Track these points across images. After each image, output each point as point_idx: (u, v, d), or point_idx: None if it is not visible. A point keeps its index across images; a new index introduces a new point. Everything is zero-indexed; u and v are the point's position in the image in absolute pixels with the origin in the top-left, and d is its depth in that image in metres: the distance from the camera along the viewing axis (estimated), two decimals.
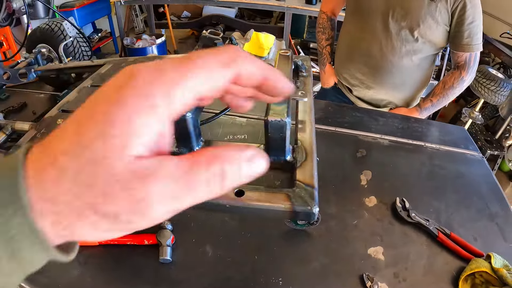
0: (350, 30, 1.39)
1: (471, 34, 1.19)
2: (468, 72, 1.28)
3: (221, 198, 0.38)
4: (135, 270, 0.67)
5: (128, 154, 0.18)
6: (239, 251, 0.70)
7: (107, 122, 0.18)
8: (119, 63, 0.87)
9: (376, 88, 1.40)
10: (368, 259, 0.71)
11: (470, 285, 0.69)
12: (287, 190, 0.37)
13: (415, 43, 1.24)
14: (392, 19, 1.22)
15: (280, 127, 0.39)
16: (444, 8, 1.16)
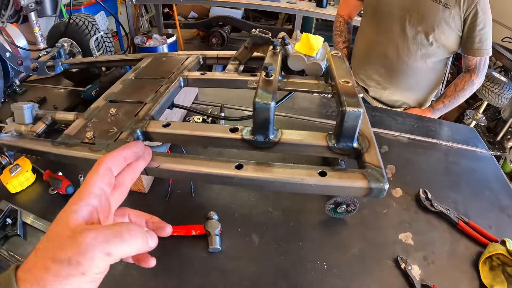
0: (367, 33, 1.45)
1: (482, 39, 1.26)
2: (478, 75, 1.36)
3: (306, 179, 0.41)
4: (183, 260, 0.69)
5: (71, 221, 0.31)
6: (284, 239, 0.73)
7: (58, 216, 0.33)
8: (159, 58, 0.89)
9: (391, 89, 1.46)
10: (400, 244, 0.76)
11: (488, 267, 0.74)
12: (361, 171, 0.41)
13: (430, 47, 1.30)
14: (409, 23, 1.27)
15: (355, 117, 0.42)
16: (457, 14, 1.23)
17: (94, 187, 0.35)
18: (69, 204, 0.34)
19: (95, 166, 0.38)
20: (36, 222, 0.76)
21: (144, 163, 0.45)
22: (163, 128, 0.59)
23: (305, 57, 0.65)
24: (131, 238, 0.33)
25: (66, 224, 0.31)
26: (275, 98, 0.46)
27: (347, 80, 0.49)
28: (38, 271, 0.28)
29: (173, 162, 0.51)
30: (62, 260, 0.28)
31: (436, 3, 1.23)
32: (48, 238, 0.31)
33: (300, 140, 0.48)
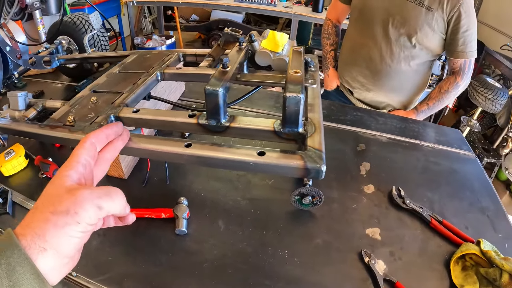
0: (353, 36, 1.48)
1: (465, 41, 1.27)
2: (462, 77, 1.37)
3: (245, 157, 0.44)
4: (152, 241, 0.73)
5: (66, 183, 0.37)
6: (249, 226, 0.76)
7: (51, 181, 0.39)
8: (143, 55, 0.94)
9: (375, 91, 1.48)
10: (366, 238, 0.77)
11: (461, 267, 0.73)
12: (300, 152, 0.44)
13: (413, 49, 1.32)
14: (392, 26, 1.30)
15: (295, 102, 0.45)
16: (440, 17, 1.24)
17: (81, 158, 0.41)
18: (60, 171, 0.39)
19: (81, 142, 0.43)
20: (25, 202, 0.82)
21: (122, 143, 0.50)
22: (133, 114, 0.64)
23: (271, 53, 0.69)
24: (117, 198, 0.40)
25: (61, 185, 0.37)
26: (226, 86, 0.50)
27: (297, 70, 0.52)
28: (38, 223, 0.33)
29: (136, 142, 0.55)
30: (61, 211, 0.34)
31: (419, 6, 1.25)
32: (45, 197, 0.36)
33: (249, 125, 0.51)
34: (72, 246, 0.35)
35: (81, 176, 0.40)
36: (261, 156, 0.44)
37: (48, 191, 0.37)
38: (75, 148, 0.42)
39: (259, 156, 0.44)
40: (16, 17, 1.56)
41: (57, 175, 0.39)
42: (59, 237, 0.33)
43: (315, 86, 0.60)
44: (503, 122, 2.57)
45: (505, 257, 0.70)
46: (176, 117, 0.57)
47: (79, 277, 0.66)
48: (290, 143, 0.51)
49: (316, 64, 0.76)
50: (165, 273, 0.67)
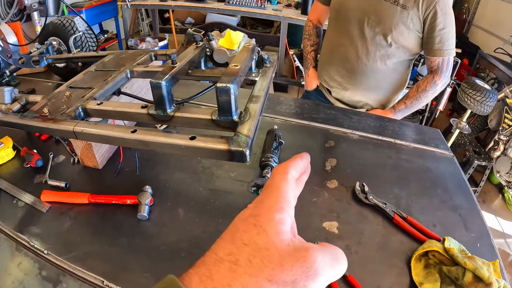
0: (331, 36, 1.52)
1: (442, 39, 1.27)
2: (440, 76, 1.37)
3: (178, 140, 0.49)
4: (117, 225, 0.78)
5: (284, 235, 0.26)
6: (206, 214, 0.81)
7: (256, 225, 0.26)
8: (119, 54, 1.00)
9: (352, 90, 1.51)
10: (322, 231, 0.78)
11: (423, 264, 0.72)
12: (228, 137, 0.49)
13: (389, 48, 1.34)
14: (368, 25, 1.32)
15: (225, 91, 0.50)
16: (415, 15, 1.25)
17: (289, 196, 0.30)
18: (268, 211, 0.28)
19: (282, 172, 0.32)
20: (9, 189, 0.89)
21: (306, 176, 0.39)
22: (97, 105, 0.70)
23: (227, 51, 0.74)
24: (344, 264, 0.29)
25: (277, 237, 0.26)
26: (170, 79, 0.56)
27: (236, 64, 0.57)
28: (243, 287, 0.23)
29: (93, 128, 0.61)
30: (285, 282, 0.24)
31: (394, 4, 1.26)
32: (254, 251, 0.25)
33: (190, 114, 0.57)
34: None
35: (293, 223, 0.29)
36: (192, 140, 0.49)
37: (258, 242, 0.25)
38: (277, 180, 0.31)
39: (190, 140, 0.49)
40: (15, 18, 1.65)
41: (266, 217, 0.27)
42: None
43: (257, 79, 0.65)
44: (494, 125, 2.56)
45: (470, 255, 0.69)
46: (131, 108, 0.63)
47: (49, 255, 0.72)
48: (227, 130, 0.56)
49: (274, 61, 0.80)
50: (124, 254, 0.72)
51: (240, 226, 0.27)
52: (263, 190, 0.31)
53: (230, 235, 0.27)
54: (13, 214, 0.82)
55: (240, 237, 0.26)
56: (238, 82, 0.53)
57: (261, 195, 0.31)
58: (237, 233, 0.26)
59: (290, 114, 1.27)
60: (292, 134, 1.16)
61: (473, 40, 3.73)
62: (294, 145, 1.08)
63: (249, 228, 0.26)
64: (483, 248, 0.77)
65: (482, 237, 0.80)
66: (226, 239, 0.27)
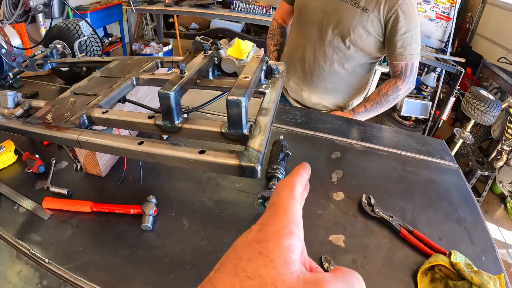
0: (292, 37, 1.49)
1: (404, 44, 1.23)
2: (404, 81, 1.33)
3: (187, 154, 0.48)
4: (119, 235, 0.76)
5: (295, 265, 0.23)
6: (211, 226, 0.79)
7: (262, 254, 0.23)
8: (125, 60, 0.99)
9: (309, 92, 1.48)
10: (328, 244, 0.77)
11: (429, 278, 0.71)
12: (239, 152, 0.48)
13: (347, 51, 1.31)
14: (327, 27, 1.29)
15: (236, 104, 0.49)
16: (376, 18, 1.22)
17: (297, 216, 0.29)
18: (276, 236, 0.26)
19: (289, 189, 0.30)
20: (10, 194, 0.88)
21: (307, 191, 0.38)
22: (102, 114, 0.68)
23: (236, 60, 0.73)
24: None
25: (286, 268, 0.24)
26: (178, 90, 0.54)
27: (246, 75, 0.56)
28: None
29: (98, 138, 0.60)
30: None
31: (354, 7, 1.22)
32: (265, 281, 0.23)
33: (198, 126, 0.55)
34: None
35: (302, 247, 0.28)
36: (201, 154, 0.48)
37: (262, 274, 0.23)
38: (283, 196, 0.30)
39: (199, 154, 0.48)
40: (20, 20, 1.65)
41: (273, 240, 0.25)
42: None
43: (267, 91, 0.64)
44: (498, 135, 2.56)
45: (477, 270, 0.69)
46: (137, 118, 0.61)
47: (50, 264, 0.70)
48: (237, 144, 0.54)
49: (282, 71, 0.79)
50: (127, 265, 0.70)
51: (243, 254, 0.24)
52: (268, 209, 0.29)
53: (232, 264, 0.24)
54: (14, 220, 0.81)
55: (243, 268, 0.23)
56: (249, 95, 0.51)
57: (266, 214, 0.28)
58: (241, 263, 0.24)
59: (295, 124, 1.26)
60: (298, 145, 1.14)
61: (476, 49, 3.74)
62: (300, 156, 1.07)
63: (254, 257, 0.24)
64: (488, 262, 0.77)
65: (487, 250, 0.80)
66: (228, 268, 0.24)
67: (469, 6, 4.03)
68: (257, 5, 3.56)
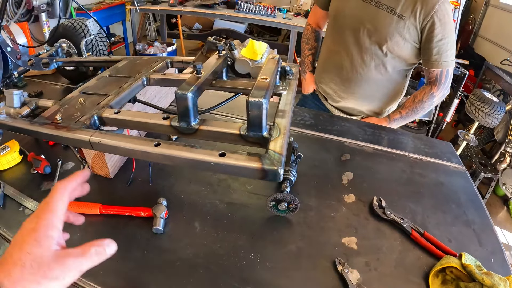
0: (328, 43, 1.49)
1: (440, 51, 1.23)
2: (439, 88, 1.33)
3: (207, 157, 0.47)
4: (129, 237, 0.75)
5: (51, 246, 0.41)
6: (224, 229, 0.78)
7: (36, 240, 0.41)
8: (134, 60, 0.98)
9: (347, 98, 1.48)
10: (341, 247, 0.77)
11: (440, 280, 0.71)
12: (260, 154, 0.46)
13: (385, 58, 1.31)
14: (363, 34, 1.29)
15: (257, 106, 0.48)
16: (412, 25, 1.22)
17: (61, 215, 0.45)
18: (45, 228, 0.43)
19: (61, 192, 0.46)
20: (15, 195, 0.86)
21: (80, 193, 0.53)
22: (114, 114, 0.67)
23: (250, 61, 0.72)
24: (97, 257, 0.45)
25: (48, 249, 0.41)
26: (196, 91, 0.53)
27: (265, 77, 0.55)
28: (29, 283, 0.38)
29: (111, 139, 0.58)
30: (52, 278, 0.40)
31: (391, 14, 1.22)
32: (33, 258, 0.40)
33: (216, 128, 0.54)
34: None
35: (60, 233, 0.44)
36: (222, 157, 0.47)
37: (35, 251, 0.40)
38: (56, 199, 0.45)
39: (219, 157, 0.47)
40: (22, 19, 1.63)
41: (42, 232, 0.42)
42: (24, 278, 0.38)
43: (285, 93, 0.63)
44: (501, 137, 2.55)
45: (487, 271, 0.69)
46: (151, 119, 0.60)
47: None
48: (256, 146, 0.53)
49: (296, 73, 0.78)
50: (138, 269, 0.69)
51: (25, 238, 0.41)
52: (41, 205, 0.44)
53: (19, 244, 0.41)
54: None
55: (25, 248, 0.40)
56: (269, 96, 0.50)
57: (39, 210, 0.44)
58: (23, 244, 0.40)
59: (304, 126, 1.25)
60: (307, 146, 1.13)
61: (479, 51, 3.74)
62: (310, 157, 1.06)
63: (31, 242, 0.41)
64: (496, 263, 0.77)
65: (495, 252, 0.80)
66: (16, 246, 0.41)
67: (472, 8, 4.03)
68: (261, 5, 3.55)
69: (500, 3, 3.57)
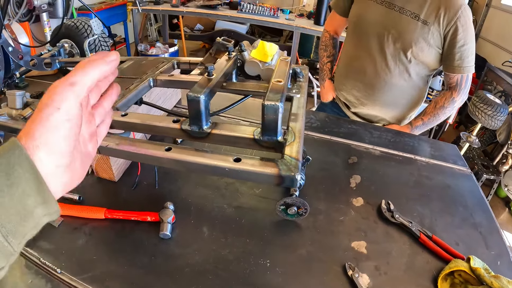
0: (348, 49, 1.48)
1: (462, 56, 1.25)
2: (459, 93, 1.35)
3: (221, 162, 0.45)
4: (136, 243, 0.73)
5: None
6: (232, 234, 0.76)
7: None
8: (139, 61, 0.96)
9: (369, 105, 1.48)
10: (351, 251, 0.76)
11: (449, 284, 0.71)
12: (276, 160, 0.45)
13: (409, 64, 1.32)
14: (387, 40, 1.30)
15: (273, 110, 0.46)
16: (436, 31, 1.23)
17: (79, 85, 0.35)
18: None
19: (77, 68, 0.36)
20: None
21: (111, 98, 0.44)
22: (122, 117, 0.65)
23: (260, 63, 0.70)
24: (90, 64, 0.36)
25: None
26: (208, 93, 0.51)
27: (279, 80, 0.54)
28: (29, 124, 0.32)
29: (119, 143, 0.56)
30: (41, 107, 0.33)
31: (415, 20, 1.24)
32: None
33: (229, 132, 0.52)
34: (61, 139, 0.33)
35: None
36: (237, 162, 0.45)
37: None
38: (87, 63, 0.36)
39: (234, 163, 0.45)
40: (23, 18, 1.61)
41: None
42: (46, 131, 0.32)
43: (298, 96, 0.61)
44: (503, 139, 2.55)
45: (495, 275, 0.69)
46: (161, 122, 0.58)
47: (63, 274, 0.67)
48: (270, 151, 0.52)
49: (306, 75, 0.77)
50: (146, 275, 0.67)
51: None
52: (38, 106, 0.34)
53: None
54: None
55: None
56: (284, 100, 0.49)
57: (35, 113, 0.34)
58: None
59: (311, 128, 1.24)
60: (315, 149, 1.12)
61: (480, 53, 3.74)
62: (318, 160, 1.04)
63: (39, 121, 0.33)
64: (503, 266, 0.77)
65: (502, 255, 0.81)
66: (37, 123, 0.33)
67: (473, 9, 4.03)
68: (264, 6, 3.54)
69: (502, 4, 3.58)
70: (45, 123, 0.32)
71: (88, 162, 0.40)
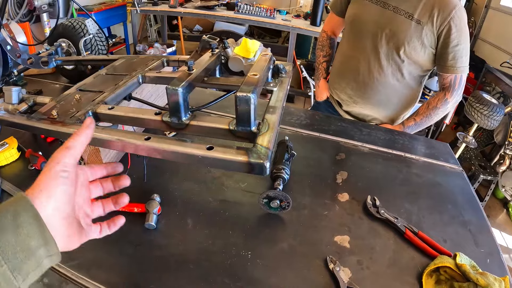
0: (344, 49, 1.50)
1: (455, 56, 1.24)
2: (452, 94, 1.34)
3: (195, 150, 0.47)
4: (122, 233, 0.74)
5: None
6: (216, 226, 0.78)
7: None
8: (131, 59, 0.99)
9: (362, 104, 1.49)
10: (334, 245, 0.77)
11: (434, 280, 0.71)
12: (247, 148, 0.47)
13: (401, 63, 1.33)
14: (381, 39, 1.31)
15: (246, 101, 0.48)
16: (430, 31, 1.24)
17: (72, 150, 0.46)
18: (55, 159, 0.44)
19: None
20: (12, 191, 0.87)
21: None
22: (108, 110, 0.68)
23: (243, 59, 0.73)
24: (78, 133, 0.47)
25: None
26: (186, 86, 0.54)
27: (255, 73, 0.56)
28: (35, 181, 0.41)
29: (104, 133, 0.59)
30: (46, 165, 0.42)
31: (409, 19, 1.24)
32: None
33: (206, 123, 0.55)
34: (59, 188, 0.41)
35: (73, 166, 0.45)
36: (209, 150, 0.47)
37: None
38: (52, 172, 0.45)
39: (207, 151, 0.47)
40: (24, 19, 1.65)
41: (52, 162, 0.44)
42: (48, 179, 0.41)
43: (276, 89, 0.64)
44: (501, 139, 2.54)
45: (482, 272, 0.69)
46: (144, 114, 0.61)
47: None
48: (245, 141, 0.54)
49: (289, 71, 0.79)
50: (130, 264, 0.69)
51: None
52: None
53: None
54: None
55: None
56: (257, 92, 0.51)
57: None
58: None
59: (300, 125, 1.26)
60: (303, 146, 1.14)
61: (479, 54, 3.73)
62: (305, 157, 1.06)
63: None
64: (493, 264, 0.77)
65: (492, 253, 0.80)
66: None
67: (472, 10, 4.03)
68: (261, 7, 3.57)
69: (501, 5, 3.58)
70: (47, 173, 0.41)
71: (81, 235, 0.48)
